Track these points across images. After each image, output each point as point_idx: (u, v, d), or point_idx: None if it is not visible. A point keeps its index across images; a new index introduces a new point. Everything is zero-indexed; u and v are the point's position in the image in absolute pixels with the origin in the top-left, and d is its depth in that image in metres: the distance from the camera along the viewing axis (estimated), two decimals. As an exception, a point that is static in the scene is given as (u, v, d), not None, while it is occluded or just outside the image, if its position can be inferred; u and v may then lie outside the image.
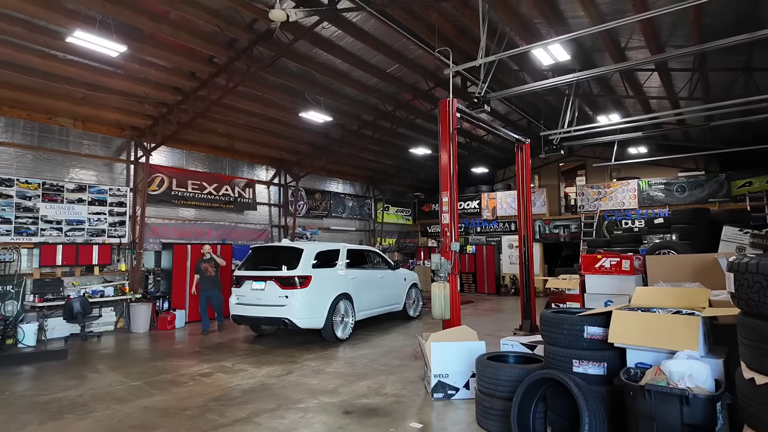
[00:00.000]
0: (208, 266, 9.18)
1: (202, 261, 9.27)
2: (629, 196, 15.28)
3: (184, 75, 9.24)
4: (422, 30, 8.24)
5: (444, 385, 5.03)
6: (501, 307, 12.87)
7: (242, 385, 5.55)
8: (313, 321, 7.66)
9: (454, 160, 6.42)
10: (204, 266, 9.17)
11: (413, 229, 20.56)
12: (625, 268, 7.35)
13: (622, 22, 5.76)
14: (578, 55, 8.67)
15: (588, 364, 3.68)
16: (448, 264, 6.17)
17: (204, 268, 9.15)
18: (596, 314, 3.75)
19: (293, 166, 14.59)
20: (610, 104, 12.13)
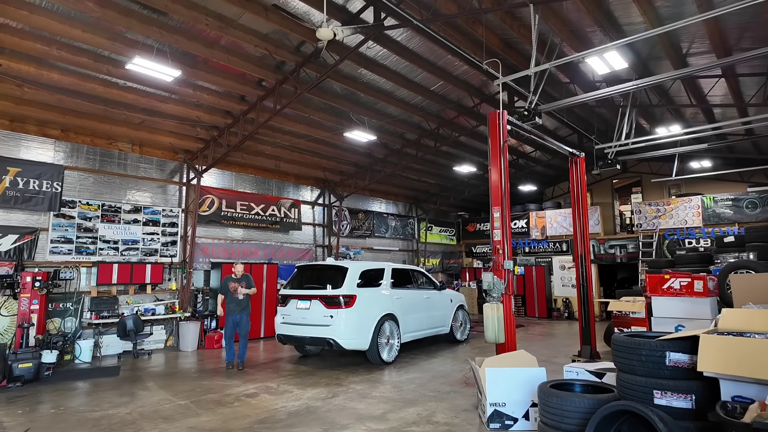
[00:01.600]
0: (238, 286, 7.79)
1: (230, 280, 7.84)
2: (692, 213, 14.22)
3: (234, 98, 9.53)
4: (468, 46, 8.11)
5: (501, 414, 4.64)
6: (553, 332, 12.15)
7: (287, 408, 5.38)
8: (358, 342, 7.44)
9: (506, 174, 6.14)
10: (232, 286, 7.78)
11: (457, 250, 20.09)
12: (697, 289, 6.71)
13: (689, 21, 5.35)
14: (635, 63, 8.22)
15: (672, 396, 3.25)
16: (502, 283, 5.82)
17: (232, 287, 7.76)
18: (680, 338, 3.33)
19: (337, 187, 14.68)
20: (669, 115, 11.44)
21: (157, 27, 7.07)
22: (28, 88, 7.91)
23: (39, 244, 8.67)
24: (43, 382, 6.72)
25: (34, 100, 8.31)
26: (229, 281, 7.82)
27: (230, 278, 7.87)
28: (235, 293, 7.72)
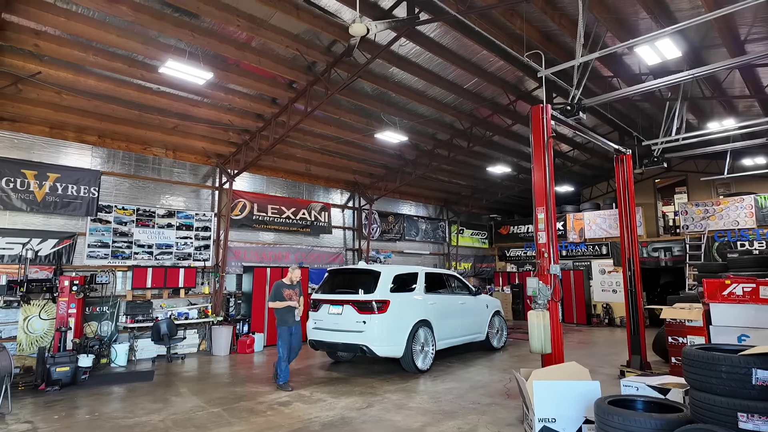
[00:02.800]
0: (293, 294, 6.86)
1: (283, 286, 6.85)
2: (744, 213, 13.31)
3: (266, 101, 9.48)
4: (504, 40, 7.74)
5: (550, 430, 4.27)
6: (594, 339, 11.55)
7: (321, 418, 5.17)
8: (391, 349, 7.18)
9: (551, 172, 5.77)
10: (287, 293, 6.79)
11: (490, 253, 19.56)
12: (764, 295, 6.11)
13: (748, 4, 4.87)
14: (686, 52, 7.68)
15: (761, 420, 2.84)
16: (548, 289, 5.45)
17: (288, 295, 6.78)
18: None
19: (367, 189, 14.48)
20: (720, 109, 10.72)
21: (189, 30, 7.05)
22: (66, 94, 8.06)
23: (77, 249, 8.81)
24: (80, 386, 6.75)
25: (72, 107, 8.46)
26: (282, 287, 6.82)
27: (283, 284, 6.88)
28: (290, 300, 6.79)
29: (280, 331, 6.74)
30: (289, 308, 6.76)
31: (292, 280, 6.98)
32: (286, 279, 7.00)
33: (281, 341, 6.68)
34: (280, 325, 6.75)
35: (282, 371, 6.63)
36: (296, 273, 7.04)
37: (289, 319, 6.76)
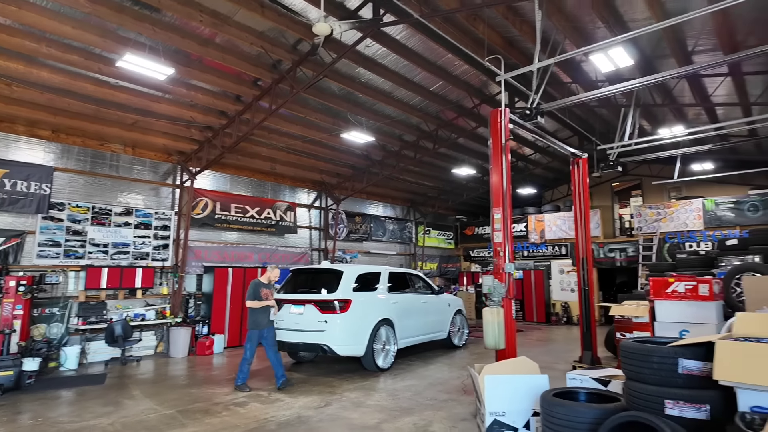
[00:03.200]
0: (270, 294, 6.73)
1: (261, 285, 6.69)
2: (693, 216, 14.04)
3: (230, 98, 9.34)
4: (468, 44, 7.92)
5: (500, 424, 4.41)
6: (553, 337, 11.93)
7: (278, 417, 5.15)
8: (353, 348, 7.21)
9: (507, 174, 5.94)
10: (265, 292, 6.65)
11: (455, 254, 19.87)
12: (702, 293, 6.48)
13: (698, 13, 5.19)
14: (639, 61, 8.05)
15: (685, 406, 3.04)
16: (502, 287, 5.61)
17: (265, 294, 6.64)
18: (693, 345, 3.11)
19: (334, 189, 14.47)
20: (671, 116, 11.27)
21: (150, 24, 6.87)
22: (17, 86, 7.71)
23: (25, 248, 8.43)
24: (24, 390, 6.45)
25: (24, 99, 8.10)
26: (260, 287, 6.66)
27: (261, 283, 6.73)
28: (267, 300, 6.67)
29: (250, 334, 6.61)
30: (265, 308, 6.65)
31: (270, 280, 6.87)
32: (263, 278, 6.88)
33: (250, 344, 6.57)
34: (252, 328, 6.61)
35: (243, 372, 6.53)
36: (275, 273, 6.92)
37: (262, 321, 6.63)
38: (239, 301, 10.26)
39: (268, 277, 6.85)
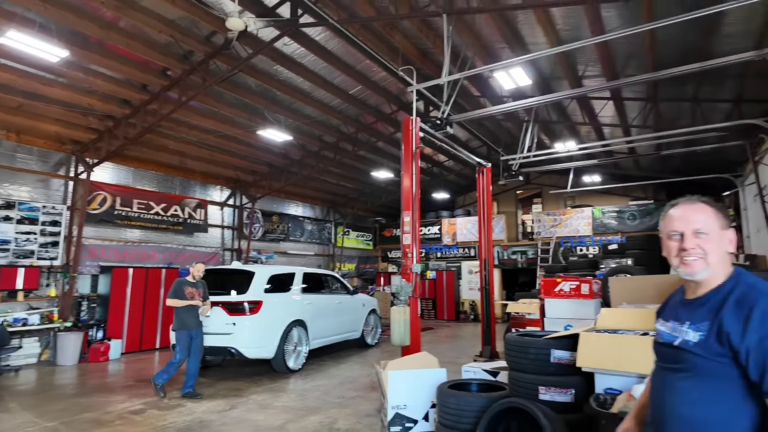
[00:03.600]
0: (196, 292, 6.36)
1: (185, 283, 6.36)
2: (584, 223, 15.67)
3: (134, 87, 8.72)
4: (386, 52, 8.18)
5: (402, 417, 4.63)
6: (461, 334, 12.63)
7: (177, 423, 4.94)
8: (262, 350, 7.11)
9: (417, 179, 6.24)
10: (189, 291, 6.30)
11: (374, 255, 20.23)
12: (584, 291, 7.30)
13: (583, 44, 5.87)
14: (538, 82, 8.84)
15: (555, 391, 3.44)
16: (409, 286, 5.88)
17: (190, 293, 6.29)
18: (563, 337, 3.54)
19: (249, 187, 14.05)
20: (566, 132, 12.49)
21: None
22: None
23: None
24: None
25: None
26: (184, 285, 6.33)
27: (185, 281, 6.40)
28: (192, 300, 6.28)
29: (179, 335, 6.21)
30: (190, 308, 6.27)
31: (195, 277, 6.50)
32: (189, 276, 6.53)
33: (180, 346, 6.19)
34: (180, 329, 6.22)
35: (167, 373, 6.17)
36: (198, 267, 6.54)
37: (190, 321, 6.26)
38: (140, 303, 9.62)
39: (193, 275, 6.51)
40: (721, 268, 1.39)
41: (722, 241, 1.40)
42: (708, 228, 1.40)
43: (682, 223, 1.43)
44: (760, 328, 1.21)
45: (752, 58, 5.79)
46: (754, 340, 1.21)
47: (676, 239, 1.44)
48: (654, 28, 5.38)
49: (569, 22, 6.88)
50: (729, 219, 1.46)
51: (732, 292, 1.32)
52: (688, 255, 1.39)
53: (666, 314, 1.53)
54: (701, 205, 1.46)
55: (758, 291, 1.29)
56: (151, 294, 9.89)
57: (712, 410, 1.28)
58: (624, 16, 6.34)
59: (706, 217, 1.42)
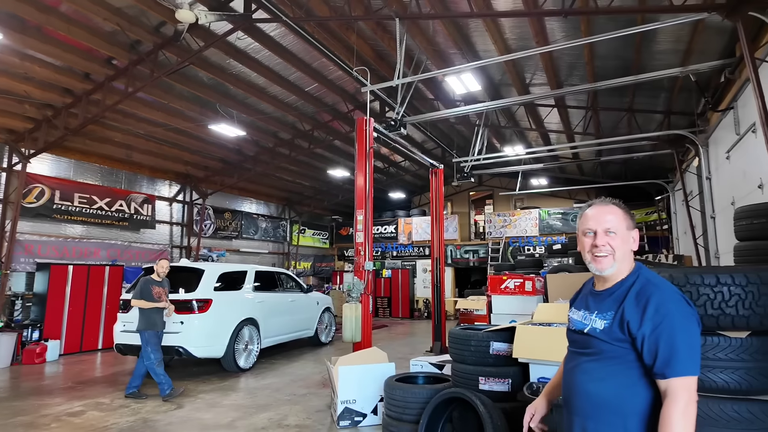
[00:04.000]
0: (162, 292, 6.11)
1: (152, 282, 6.06)
2: (531, 224, 16.39)
3: (77, 75, 8.32)
4: (342, 51, 8.24)
5: (351, 411, 4.74)
6: (414, 331, 12.89)
7: (120, 424, 4.80)
8: (211, 349, 6.98)
9: (370, 179, 6.36)
10: (156, 291, 6.02)
11: (330, 253, 20.20)
12: (528, 288, 7.70)
13: (526, 54, 6.19)
14: (488, 87, 9.19)
15: (494, 381, 3.66)
16: (361, 284, 5.99)
17: (158, 293, 6.02)
18: (502, 330, 3.77)
19: (200, 183, 13.68)
20: (516, 137, 13.03)
21: (-31, -24, 5.85)
22: None
23: None
24: None
25: None
26: (151, 284, 6.02)
27: (152, 280, 6.08)
28: (160, 300, 5.99)
29: (147, 335, 5.89)
30: (157, 309, 5.99)
31: (160, 275, 6.17)
32: (154, 274, 6.17)
33: (152, 347, 5.88)
34: (148, 329, 5.90)
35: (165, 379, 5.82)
36: (162, 264, 6.20)
37: (158, 322, 6.00)
38: (81, 302, 9.17)
39: (158, 273, 6.18)
40: (625, 264, 1.55)
41: (628, 240, 1.56)
42: (617, 227, 1.55)
43: (595, 222, 1.58)
44: (654, 318, 1.39)
45: (677, 74, 6.32)
46: (649, 328, 1.39)
47: (590, 236, 1.59)
48: (593, 42, 5.77)
49: (516, 32, 7.23)
50: (635, 221, 1.63)
51: (633, 286, 1.50)
52: (599, 251, 1.55)
53: (578, 304, 1.70)
54: (612, 206, 1.60)
55: (654, 285, 1.47)
56: (94, 293, 9.44)
57: (612, 387, 1.46)
58: (566, 29, 6.74)
59: (616, 218, 1.57)
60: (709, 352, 2.38)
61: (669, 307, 1.40)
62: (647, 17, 5.52)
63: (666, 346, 1.35)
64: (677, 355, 1.34)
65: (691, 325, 1.39)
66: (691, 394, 1.33)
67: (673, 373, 1.33)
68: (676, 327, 1.36)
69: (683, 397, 1.32)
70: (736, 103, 6.57)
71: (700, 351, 1.39)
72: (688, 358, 1.35)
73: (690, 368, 1.34)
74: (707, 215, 8.67)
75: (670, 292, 1.45)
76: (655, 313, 1.39)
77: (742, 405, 2.27)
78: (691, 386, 1.34)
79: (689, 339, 1.37)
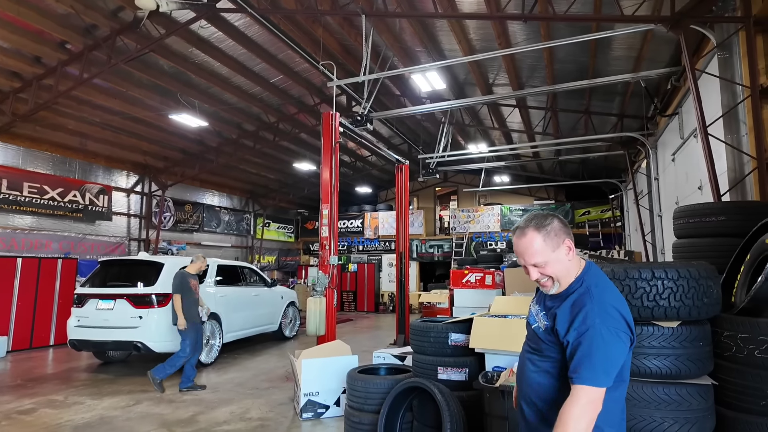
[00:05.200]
0: (197, 285, 6.22)
1: (189, 276, 6.10)
2: (494, 220, 16.84)
3: (26, 59, 7.92)
4: (308, 44, 8.20)
5: (314, 403, 4.81)
6: (379, 324, 13.04)
7: (75, 421, 4.68)
8: (171, 344, 6.82)
9: (336, 173, 6.39)
10: (194, 284, 6.12)
11: (295, 247, 20.06)
12: (488, 282, 7.99)
13: (490, 55, 6.37)
14: (453, 86, 9.38)
15: (452, 371, 3.81)
16: (326, 278, 6.04)
17: (194, 286, 6.12)
18: (460, 321, 3.92)
19: (160, 174, 13.28)
20: (479, 135, 13.34)
21: None
22: None
23: None
24: None
25: None
26: (188, 278, 6.06)
27: (188, 274, 6.13)
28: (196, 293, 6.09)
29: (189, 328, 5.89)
30: (196, 301, 6.07)
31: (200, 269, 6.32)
32: (190, 268, 6.22)
33: (189, 340, 5.92)
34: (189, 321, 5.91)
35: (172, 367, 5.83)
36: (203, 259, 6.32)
37: (195, 315, 6.04)
38: (31, 297, 8.77)
39: (198, 267, 6.27)
40: (571, 274, 1.60)
41: (559, 259, 1.57)
42: (542, 258, 1.55)
43: (521, 257, 1.62)
44: (579, 328, 1.47)
45: (629, 80, 6.68)
46: (573, 336, 1.48)
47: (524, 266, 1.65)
48: (552, 46, 6.01)
49: (480, 33, 7.42)
50: (562, 233, 1.57)
51: (573, 293, 1.56)
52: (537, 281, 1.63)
53: (537, 298, 1.79)
54: (529, 234, 1.57)
55: (589, 296, 1.52)
56: (45, 287, 9.03)
57: (544, 379, 1.61)
58: (527, 32, 6.98)
59: (538, 248, 1.55)
60: (645, 341, 2.61)
61: (595, 321, 1.44)
62: (602, 25, 5.81)
63: (581, 355, 1.43)
64: (588, 365, 1.40)
65: (612, 340, 1.42)
66: (590, 400, 1.38)
67: (579, 380, 1.40)
68: (595, 340, 1.42)
69: (581, 401, 1.38)
70: (681, 109, 7.01)
71: (616, 365, 1.42)
72: (598, 370, 1.39)
73: (596, 380, 1.38)
74: (655, 214, 9.21)
75: (601, 305, 1.48)
76: (581, 324, 1.46)
77: (672, 388, 2.50)
78: (592, 395, 1.38)
79: (606, 353, 1.41)
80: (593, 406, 1.39)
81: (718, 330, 2.72)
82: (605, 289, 1.55)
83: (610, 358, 1.42)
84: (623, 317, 1.49)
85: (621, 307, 1.51)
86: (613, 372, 1.42)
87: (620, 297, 1.57)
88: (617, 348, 1.43)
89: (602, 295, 1.52)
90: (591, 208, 15.86)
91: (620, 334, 1.45)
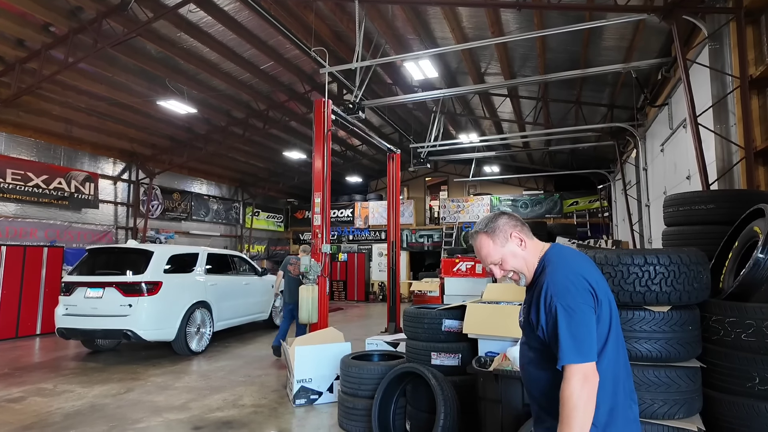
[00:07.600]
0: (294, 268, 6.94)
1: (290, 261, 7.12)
2: (483, 210, 16.95)
3: (8, 42, 7.72)
4: (299, 30, 8.08)
5: (307, 390, 4.83)
6: (370, 313, 13.10)
7: (65, 408, 4.64)
8: (161, 332, 6.82)
9: (328, 161, 6.36)
10: (291, 266, 7.02)
11: (285, 237, 19.99)
12: (478, 271, 8.07)
13: (482, 43, 6.35)
14: (445, 75, 9.34)
15: (445, 356, 3.85)
16: (318, 266, 6.03)
17: (292, 268, 7.00)
18: (454, 308, 3.96)
19: (147, 161, 13.08)
20: (470, 125, 13.34)
21: None
22: None
23: None
24: None
25: None
26: (291, 261, 7.04)
27: (289, 260, 7.12)
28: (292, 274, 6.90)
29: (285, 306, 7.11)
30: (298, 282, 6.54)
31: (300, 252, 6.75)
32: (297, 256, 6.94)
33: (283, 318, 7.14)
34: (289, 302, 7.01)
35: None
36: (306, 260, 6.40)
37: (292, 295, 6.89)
38: (16, 285, 8.63)
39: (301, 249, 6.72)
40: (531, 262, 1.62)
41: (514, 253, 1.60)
42: (496, 255, 1.60)
43: (482, 260, 1.67)
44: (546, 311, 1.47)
45: (620, 70, 6.72)
46: (543, 321, 1.49)
47: None
48: (545, 35, 6.01)
49: (473, 21, 7.39)
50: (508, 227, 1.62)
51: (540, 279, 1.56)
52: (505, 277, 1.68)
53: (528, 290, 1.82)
54: (480, 237, 1.63)
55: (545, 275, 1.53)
56: (31, 275, 8.90)
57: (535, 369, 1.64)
58: (520, 21, 6.97)
59: (489, 248, 1.60)
60: (636, 325, 2.66)
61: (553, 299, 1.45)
62: (594, 15, 5.82)
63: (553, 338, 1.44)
64: (563, 345, 1.40)
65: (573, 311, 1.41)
66: (581, 378, 1.37)
67: (561, 361, 1.40)
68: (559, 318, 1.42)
69: (571, 382, 1.38)
70: (671, 100, 7.09)
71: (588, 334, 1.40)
72: (572, 345, 1.39)
73: (575, 356, 1.38)
74: (643, 203, 9.34)
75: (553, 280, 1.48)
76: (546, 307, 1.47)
77: (662, 371, 2.56)
78: (581, 372, 1.37)
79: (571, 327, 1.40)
80: (587, 381, 1.38)
81: (706, 315, 2.78)
82: (560, 262, 1.55)
83: (579, 329, 1.40)
84: (584, 278, 1.47)
85: (581, 269, 1.50)
86: (588, 341, 1.40)
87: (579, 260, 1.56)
88: (581, 317, 1.41)
89: (555, 269, 1.52)
90: (579, 198, 16.03)
91: (578, 301, 1.43)
